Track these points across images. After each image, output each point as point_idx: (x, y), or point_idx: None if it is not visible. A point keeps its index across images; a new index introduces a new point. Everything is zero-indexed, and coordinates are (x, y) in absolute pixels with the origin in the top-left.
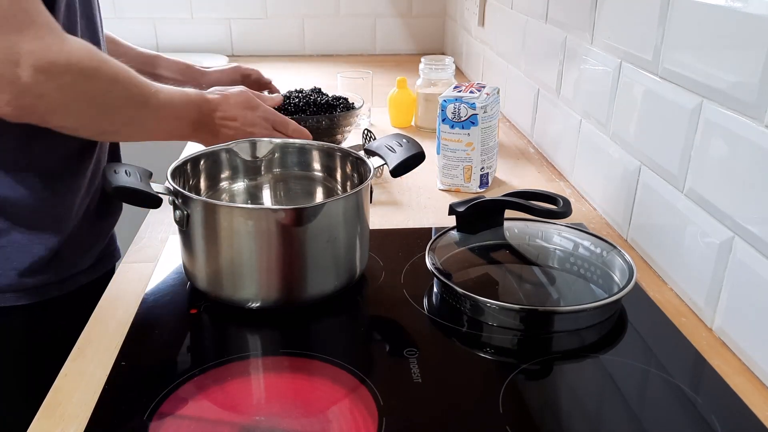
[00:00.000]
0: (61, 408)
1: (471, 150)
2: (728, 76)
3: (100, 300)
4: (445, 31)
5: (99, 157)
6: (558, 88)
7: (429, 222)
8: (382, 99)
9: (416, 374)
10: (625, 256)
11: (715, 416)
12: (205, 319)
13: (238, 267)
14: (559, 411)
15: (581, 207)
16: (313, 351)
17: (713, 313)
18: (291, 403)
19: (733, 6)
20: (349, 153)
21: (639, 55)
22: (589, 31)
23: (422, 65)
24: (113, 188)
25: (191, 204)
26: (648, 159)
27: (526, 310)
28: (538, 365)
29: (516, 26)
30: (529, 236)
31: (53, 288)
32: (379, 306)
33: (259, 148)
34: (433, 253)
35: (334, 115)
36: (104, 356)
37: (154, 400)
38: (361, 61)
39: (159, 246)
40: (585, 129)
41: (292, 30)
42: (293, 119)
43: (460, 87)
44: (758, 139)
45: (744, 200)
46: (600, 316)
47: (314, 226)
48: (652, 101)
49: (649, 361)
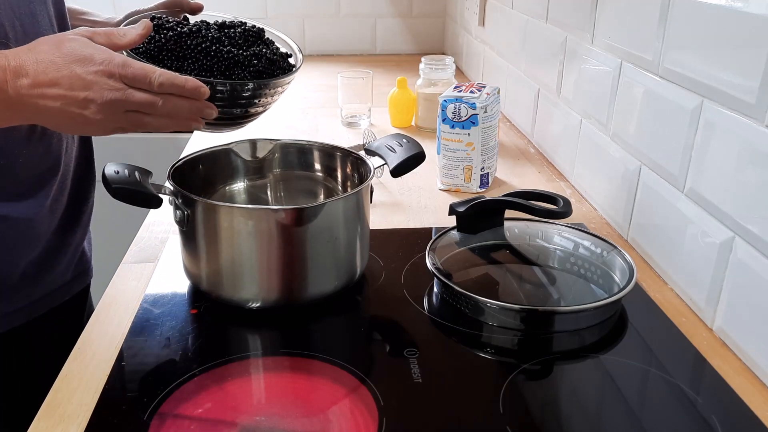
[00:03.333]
0: (61, 408)
1: (471, 150)
2: (729, 76)
3: (100, 300)
4: (445, 31)
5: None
6: (558, 88)
7: (429, 222)
8: (382, 99)
9: (416, 374)
10: (625, 256)
11: (715, 416)
12: (205, 319)
13: (239, 267)
14: (559, 411)
15: (581, 207)
16: (313, 351)
17: (713, 313)
18: (291, 403)
19: (734, 6)
20: (350, 153)
21: (639, 54)
22: (589, 30)
23: (422, 65)
24: (114, 188)
25: (191, 204)
26: (648, 159)
27: (526, 310)
28: (538, 365)
29: (516, 26)
30: (530, 236)
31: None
32: (379, 306)
33: (260, 148)
34: (433, 253)
35: (241, 79)
36: (104, 356)
37: (154, 400)
38: (361, 61)
39: (159, 246)
40: (585, 129)
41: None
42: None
43: (461, 87)
44: (758, 139)
45: (744, 200)
46: (600, 316)
47: (314, 226)
48: (653, 101)
49: (649, 361)
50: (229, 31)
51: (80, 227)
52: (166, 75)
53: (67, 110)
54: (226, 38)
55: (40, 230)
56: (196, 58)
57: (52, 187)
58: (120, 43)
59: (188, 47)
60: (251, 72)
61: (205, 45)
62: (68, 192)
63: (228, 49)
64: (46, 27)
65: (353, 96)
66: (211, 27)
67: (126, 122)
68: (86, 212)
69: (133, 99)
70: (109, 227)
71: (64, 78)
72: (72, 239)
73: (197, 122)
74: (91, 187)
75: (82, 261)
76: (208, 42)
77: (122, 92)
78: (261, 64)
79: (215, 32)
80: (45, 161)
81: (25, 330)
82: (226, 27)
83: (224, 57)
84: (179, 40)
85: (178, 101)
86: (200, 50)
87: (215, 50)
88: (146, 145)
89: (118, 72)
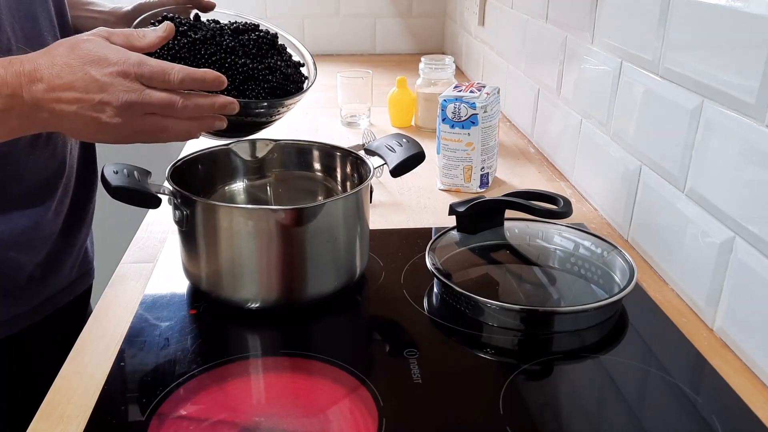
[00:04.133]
0: (61, 408)
1: (471, 150)
2: (729, 76)
3: (100, 300)
4: (445, 31)
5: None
6: (558, 87)
7: (429, 222)
8: (382, 99)
9: (416, 374)
10: (625, 256)
11: (715, 416)
12: (204, 319)
13: (238, 267)
14: (559, 411)
15: (582, 207)
16: (313, 351)
17: (714, 313)
18: (291, 403)
19: (734, 6)
20: (349, 153)
21: (639, 54)
22: (589, 30)
23: (422, 65)
24: (113, 188)
25: (191, 204)
26: (648, 159)
27: (526, 311)
28: (538, 366)
29: (516, 26)
30: (530, 236)
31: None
32: (379, 306)
33: (259, 148)
34: (433, 253)
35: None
36: (104, 356)
37: (154, 400)
38: (361, 61)
39: (159, 246)
40: (585, 129)
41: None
42: None
43: (460, 87)
44: (759, 139)
45: (744, 200)
46: (600, 316)
47: (314, 226)
48: (653, 101)
49: (649, 362)
50: (243, 38)
51: (84, 227)
52: (186, 70)
53: (83, 114)
54: (240, 47)
55: (45, 233)
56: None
57: (57, 191)
58: (139, 45)
59: (202, 56)
60: (265, 89)
61: (220, 56)
62: (72, 193)
63: (243, 61)
64: (47, 28)
65: (353, 96)
66: (225, 32)
67: (145, 126)
68: (89, 212)
69: (151, 99)
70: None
71: (78, 80)
72: (76, 240)
73: (220, 120)
74: (94, 186)
75: (86, 261)
76: (222, 53)
77: (139, 93)
78: (276, 80)
79: (229, 39)
80: (50, 166)
81: (28, 332)
82: (240, 32)
83: (239, 71)
84: (193, 48)
85: (199, 99)
86: (214, 60)
87: (230, 62)
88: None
89: (134, 71)
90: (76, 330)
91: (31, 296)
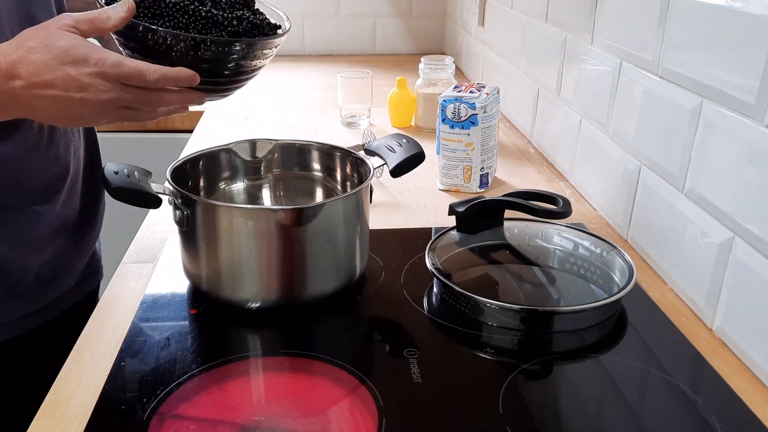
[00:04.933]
0: (61, 408)
1: (471, 150)
2: (728, 76)
3: (101, 300)
4: (445, 31)
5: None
6: (558, 88)
7: (429, 222)
8: (382, 99)
9: (416, 374)
10: (625, 256)
11: (715, 416)
12: (204, 319)
13: (238, 267)
14: (559, 411)
15: (581, 207)
16: (313, 351)
17: (713, 313)
18: (291, 403)
19: (733, 6)
20: (349, 153)
21: (639, 55)
22: (589, 31)
23: (422, 65)
24: (113, 189)
25: (191, 204)
26: (648, 159)
27: (526, 311)
28: (538, 365)
29: (516, 26)
30: (529, 236)
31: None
32: (379, 306)
33: (259, 148)
34: (433, 253)
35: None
36: (104, 356)
37: (154, 400)
38: (361, 61)
39: (159, 246)
40: (585, 129)
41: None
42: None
43: (460, 87)
44: (758, 139)
45: (744, 200)
46: (600, 316)
47: (314, 226)
48: (652, 101)
49: (649, 362)
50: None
51: (93, 228)
52: (161, 70)
53: (61, 108)
54: (210, 0)
55: (51, 234)
56: (173, 15)
57: (62, 192)
58: (105, 28)
59: (166, 5)
60: (229, 32)
61: (184, 3)
62: (79, 194)
63: (208, 9)
64: None
65: (353, 96)
66: None
67: (121, 116)
68: (99, 213)
69: (128, 97)
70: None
71: (58, 79)
72: (85, 241)
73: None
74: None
75: (94, 261)
76: (187, 0)
77: (116, 92)
78: (242, 27)
79: None
80: (54, 167)
81: (34, 332)
82: None
83: (202, 16)
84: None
85: (171, 96)
86: (178, 9)
87: (194, 9)
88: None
89: (112, 72)
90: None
91: (39, 297)
